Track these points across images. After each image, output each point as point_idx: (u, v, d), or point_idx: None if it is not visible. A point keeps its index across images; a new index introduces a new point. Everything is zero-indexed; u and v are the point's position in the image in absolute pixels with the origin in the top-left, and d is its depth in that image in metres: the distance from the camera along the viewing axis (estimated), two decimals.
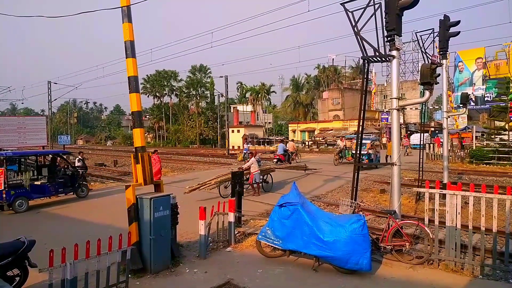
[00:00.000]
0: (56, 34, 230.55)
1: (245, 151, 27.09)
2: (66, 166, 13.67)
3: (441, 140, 30.15)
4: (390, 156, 20.15)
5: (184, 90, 72.13)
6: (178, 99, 73.68)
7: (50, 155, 14.32)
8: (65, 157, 13.81)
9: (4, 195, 10.80)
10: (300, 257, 6.48)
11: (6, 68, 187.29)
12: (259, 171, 12.61)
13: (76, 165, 14.30)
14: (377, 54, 7.07)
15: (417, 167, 11.86)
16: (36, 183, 12.09)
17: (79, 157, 15.36)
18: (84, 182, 13.79)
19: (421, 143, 13.37)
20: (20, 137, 15.63)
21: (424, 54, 11.53)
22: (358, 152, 7.98)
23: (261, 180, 13.01)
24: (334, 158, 23.25)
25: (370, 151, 20.88)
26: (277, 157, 21.19)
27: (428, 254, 6.22)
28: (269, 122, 72.69)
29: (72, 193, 12.95)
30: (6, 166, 11.61)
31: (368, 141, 20.84)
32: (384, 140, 39.51)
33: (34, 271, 5.12)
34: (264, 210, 10.31)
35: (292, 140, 33.72)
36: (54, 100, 40.99)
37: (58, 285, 4.68)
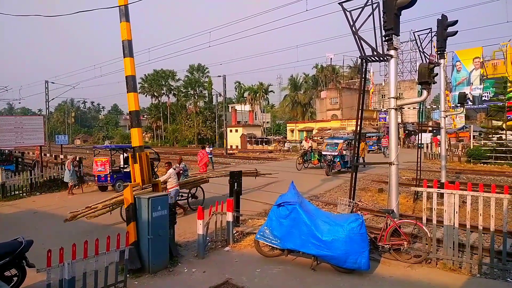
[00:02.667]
0: (54, 33, 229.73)
1: (209, 155, 20.91)
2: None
3: (438, 139, 30.31)
4: (362, 157, 20.05)
5: (182, 89, 72.02)
6: (176, 98, 73.54)
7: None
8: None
9: (109, 178, 14.01)
10: (299, 257, 6.49)
11: (3, 68, 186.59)
12: (177, 187, 9.76)
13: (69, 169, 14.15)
14: (375, 53, 7.08)
15: (415, 167, 11.88)
16: (126, 170, 14.33)
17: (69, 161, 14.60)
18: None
19: (419, 142, 13.40)
20: (17, 136, 15.53)
21: (422, 53, 11.55)
22: (356, 152, 7.98)
23: (179, 197, 10.17)
24: (297, 162, 20.11)
25: (344, 152, 18.34)
26: None
27: (426, 253, 6.24)
28: (267, 122, 72.68)
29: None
30: (111, 156, 15.14)
31: (341, 141, 18.52)
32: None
33: (32, 271, 5.11)
34: (263, 209, 10.31)
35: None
36: (52, 99, 40.96)
37: (56, 285, 4.67)
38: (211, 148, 22.52)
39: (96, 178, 14.39)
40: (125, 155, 14.98)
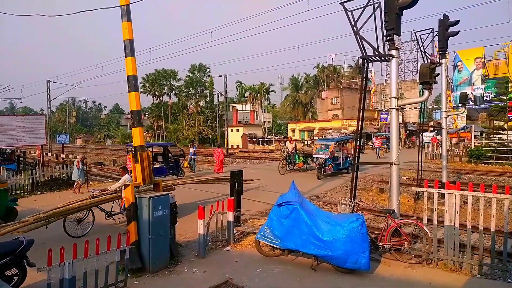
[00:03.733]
0: (55, 33, 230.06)
1: (191, 156, 20.23)
2: (171, 155, 17.88)
3: (438, 139, 30.26)
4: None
5: (183, 89, 72.03)
6: (177, 98, 73.57)
7: (163, 147, 18.76)
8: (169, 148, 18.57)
9: None
10: (299, 257, 6.49)
11: (5, 67, 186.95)
12: None
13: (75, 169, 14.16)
14: (377, 53, 7.08)
15: (416, 167, 11.86)
16: (155, 166, 15.40)
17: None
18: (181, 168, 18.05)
19: (420, 142, 13.40)
20: (19, 136, 15.54)
21: (423, 53, 11.54)
22: (357, 151, 7.97)
23: None
24: (280, 165, 18.26)
25: (336, 154, 17.45)
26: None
27: (427, 253, 6.23)
28: (268, 122, 72.67)
29: (175, 175, 16.93)
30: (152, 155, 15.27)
31: (332, 142, 17.16)
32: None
33: (32, 270, 5.12)
34: (263, 209, 10.31)
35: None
36: (53, 99, 41.08)
37: (57, 285, 4.67)
38: (194, 149, 20.81)
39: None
40: (153, 152, 16.54)
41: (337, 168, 17.43)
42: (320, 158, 16.56)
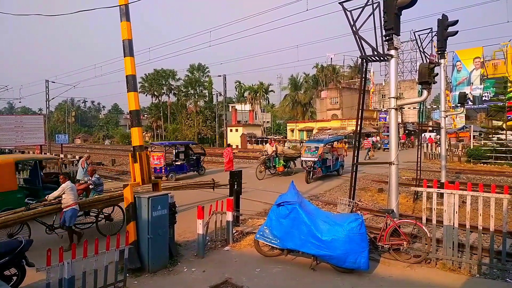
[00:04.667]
0: (54, 32, 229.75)
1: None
2: (192, 153, 18.52)
3: (434, 139, 30.24)
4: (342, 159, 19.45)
5: (182, 89, 71.95)
6: (176, 98, 73.51)
7: (184, 145, 19.32)
8: (191, 146, 19.39)
9: (163, 170, 16.07)
10: (298, 256, 6.49)
11: (4, 67, 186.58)
12: (75, 206, 7.31)
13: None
14: (376, 53, 7.08)
15: (415, 166, 11.88)
16: (176, 163, 16.98)
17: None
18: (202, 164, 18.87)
19: (419, 142, 13.41)
20: (18, 136, 15.56)
21: (422, 53, 11.55)
22: (357, 151, 7.97)
23: (74, 222, 7.58)
24: (258, 170, 16.74)
25: (326, 156, 16.44)
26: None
27: (426, 253, 6.24)
28: (268, 121, 72.64)
29: (196, 172, 18.00)
30: (164, 151, 17.22)
31: (321, 144, 15.74)
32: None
33: (31, 270, 5.11)
34: (263, 209, 10.30)
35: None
36: (52, 99, 40.99)
37: (56, 285, 4.66)
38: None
39: (152, 170, 15.01)
40: (176, 150, 17.62)
41: (326, 171, 16.51)
42: (309, 160, 15.52)
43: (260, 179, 16.30)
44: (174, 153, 17.50)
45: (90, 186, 9.06)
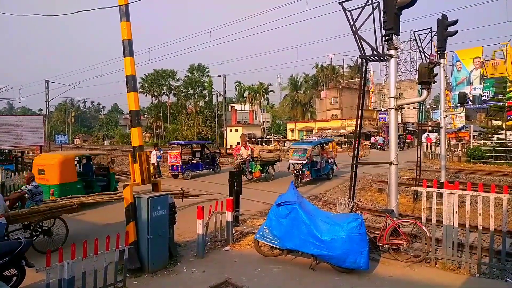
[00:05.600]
0: (54, 32, 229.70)
1: (158, 159, 17.86)
2: (208, 152, 19.29)
3: (432, 139, 30.31)
4: (333, 159, 19.10)
5: (182, 89, 71.93)
6: (176, 98, 73.49)
7: (200, 144, 20.06)
8: (207, 145, 20.18)
9: (179, 168, 16.90)
10: (298, 256, 6.49)
11: (3, 67, 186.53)
12: (2, 219, 6.23)
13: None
14: (375, 53, 7.09)
15: (415, 166, 11.88)
16: (193, 162, 17.80)
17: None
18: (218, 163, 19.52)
19: (419, 142, 13.42)
20: (18, 136, 15.57)
21: (422, 53, 11.55)
22: (356, 151, 7.98)
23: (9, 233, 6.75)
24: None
25: (315, 158, 15.55)
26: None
27: (426, 252, 6.24)
28: (267, 122, 72.64)
29: (212, 170, 18.75)
30: (181, 150, 18.12)
31: (310, 146, 14.94)
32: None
33: (31, 271, 5.10)
34: (262, 209, 10.30)
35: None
36: (52, 99, 40.93)
37: (55, 285, 4.66)
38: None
39: (169, 168, 17.51)
40: (193, 149, 18.78)
41: (316, 174, 15.45)
42: (297, 164, 14.57)
43: None
44: (191, 152, 18.77)
45: (25, 195, 7.64)
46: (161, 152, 18.77)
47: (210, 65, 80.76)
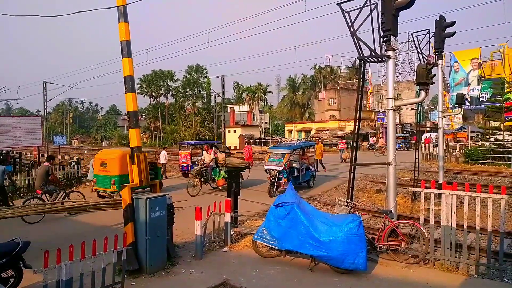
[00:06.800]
0: (52, 33, 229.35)
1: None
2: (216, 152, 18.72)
3: (431, 140, 30.43)
4: (319, 160, 19.01)
5: (180, 90, 71.90)
6: (174, 99, 73.45)
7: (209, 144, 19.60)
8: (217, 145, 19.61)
9: (189, 168, 16.88)
10: (296, 257, 6.48)
11: (1, 68, 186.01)
12: None
13: None
14: (373, 54, 7.10)
15: (413, 167, 11.90)
16: None
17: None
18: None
19: (418, 142, 13.46)
20: (15, 137, 15.51)
21: (420, 54, 11.59)
22: (355, 152, 7.99)
23: None
24: (190, 183, 13.41)
25: (295, 164, 13.98)
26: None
27: (424, 253, 6.25)
28: (266, 122, 72.69)
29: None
30: (191, 150, 18.32)
31: (287, 151, 13.20)
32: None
33: (28, 272, 5.08)
34: (261, 210, 10.30)
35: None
36: (50, 100, 40.91)
37: (53, 286, 4.64)
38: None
39: (180, 167, 18.50)
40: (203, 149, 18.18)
41: (294, 182, 13.39)
42: (273, 170, 12.97)
43: (193, 195, 12.82)
44: (201, 152, 18.33)
45: None
46: (166, 153, 19.64)
47: (208, 66, 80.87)
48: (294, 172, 13.79)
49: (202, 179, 13.69)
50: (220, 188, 13.97)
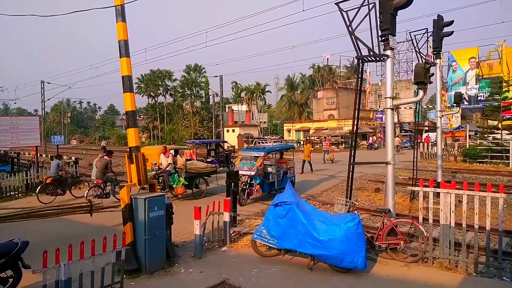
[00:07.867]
0: (50, 33, 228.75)
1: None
2: (222, 151, 19.79)
3: (430, 139, 30.52)
4: (308, 161, 19.19)
5: (178, 89, 71.82)
6: (172, 98, 73.37)
7: (215, 143, 20.55)
8: (222, 144, 20.84)
9: None
10: (296, 256, 6.49)
11: None
12: None
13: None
14: (372, 53, 7.10)
15: (412, 166, 11.92)
16: (207, 160, 17.42)
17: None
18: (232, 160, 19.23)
19: (415, 142, 13.48)
20: (13, 137, 15.43)
21: (418, 53, 11.61)
22: (354, 152, 7.99)
23: None
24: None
25: (269, 169, 12.46)
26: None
27: (423, 252, 6.26)
28: (264, 122, 72.69)
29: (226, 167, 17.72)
30: (196, 149, 18.75)
31: (261, 153, 11.72)
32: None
33: (27, 272, 5.07)
34: (260, 209, 10.31)
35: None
36: (48, 100, 40.88)
37: (52, 286, 4.63)
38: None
39: None
40: (208, 147, 19.29)
41: (269, 189, 12.13)
42: (244, 175, 11.51)
43: None
44: (207, 150, 19.32)
45: None
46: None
47: (206, 65, 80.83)
48: (269, 177, 12.17)
49: (159, 187, 10.78)
50: (180, 196, 12.25)
